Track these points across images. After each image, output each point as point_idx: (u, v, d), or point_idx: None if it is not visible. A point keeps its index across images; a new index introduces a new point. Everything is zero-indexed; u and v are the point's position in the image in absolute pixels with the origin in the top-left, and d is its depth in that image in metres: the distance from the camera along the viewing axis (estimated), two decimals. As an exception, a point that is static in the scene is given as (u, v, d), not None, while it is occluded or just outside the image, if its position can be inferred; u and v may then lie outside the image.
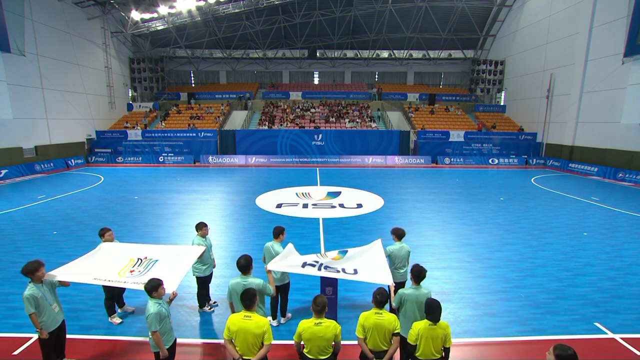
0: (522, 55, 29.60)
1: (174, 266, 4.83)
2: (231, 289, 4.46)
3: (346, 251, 5.50)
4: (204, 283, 5.95)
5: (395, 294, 4.47)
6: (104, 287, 5.50)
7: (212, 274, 6.05)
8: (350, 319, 5.61)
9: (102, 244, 5.44)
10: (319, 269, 4.96)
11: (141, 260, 5.04)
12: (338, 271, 4.92)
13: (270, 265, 5.00)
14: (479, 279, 7.25)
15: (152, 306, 3.83)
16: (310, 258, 5.30)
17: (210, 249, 6.02)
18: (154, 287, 3.88)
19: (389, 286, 4.52)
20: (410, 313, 4.17)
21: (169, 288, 4.20)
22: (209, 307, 6.10)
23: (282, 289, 5.47)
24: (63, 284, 4.55)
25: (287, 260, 5.17)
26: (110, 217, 11.76)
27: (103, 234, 5.62)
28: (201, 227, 5.89)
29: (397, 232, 5.61)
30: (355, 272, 4.89)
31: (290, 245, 5.60)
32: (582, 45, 22.59)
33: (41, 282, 4.27)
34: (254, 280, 4.43)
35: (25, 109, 20.95)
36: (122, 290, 5.87)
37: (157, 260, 5.00)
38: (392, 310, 5.16)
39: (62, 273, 4.65)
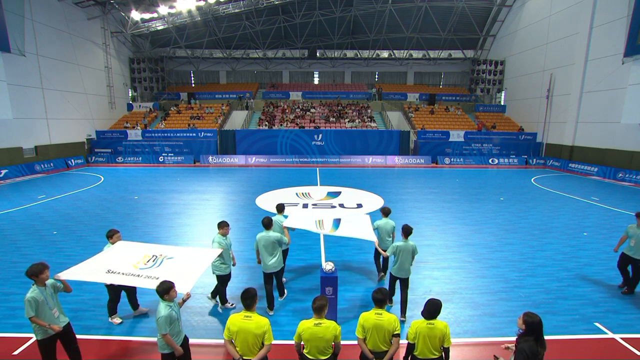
0: (522, 55, 29.60)
1: (189, 266, 4.80)
2: (257, 240, 6.00)
3: (338, 222, 6.94)
4: (224, 281, 6.01)
5: (381, 253, 6.30)
6: (109, 288, 5.51)
7: (231, 272, 6.10)
8: (350, 319, 5.62)
9: (117, 242, 5.45)
10: (321, 233, 6.82)
11: (155, 256, 5.04)
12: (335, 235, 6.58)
13: (286, 223, 6.58)
14: (479, 279, 7.26)
15: (163, 309, 3.81)
16: (312, 224, 6.84)
17: (230, 247, 6.08)
18: (165, 289, 3.83)
19: (374, 243, 6.44)
20: (402, 258, 5.74)
21: (182, 289, 4.19)
22: (220, 307, 6.18)
23: (277, 273, 6.16)
24: (65, 289, 4.47)
25: (298, 220, 7.02)
26: (110, 217, 11.76)
27: (111, 235, 5.60)
28: (223, 226, 5.96)
29: (384, 210, 6.97)
30: (349, 235, 6.50)
31: (293, 212, 7.75)
32: (582, 45, 22.59)
33: (44, 285, 4.17)
34: (274, 234, 5.98)
35: (25, 109, 20.95)
36: (134, 291, 5.82)
37: (172, 258, 5.02)
38: (384, 261, 7.08)
39: (73, 273, 4.63)
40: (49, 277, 4.23)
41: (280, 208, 7.15)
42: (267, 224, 6.05)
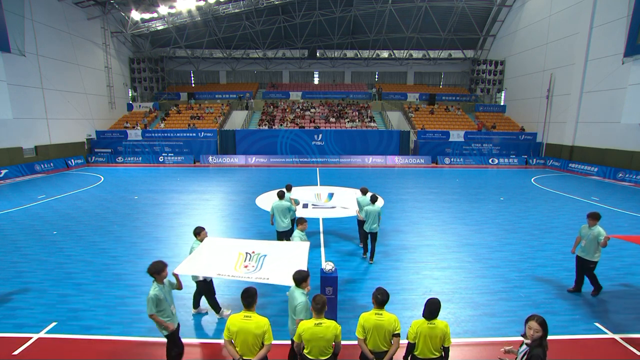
0: (522, 55, 29.60)
1: (291, 262, 4.91)
2: (274, 207, 7.82)
3: (332, 195, 9.84)
4: None
5: (359, 217, 8.64)
6: (199, 284, 5.63)
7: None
8: (350, 319, 5.62)
9: (205, 239, 5.56)
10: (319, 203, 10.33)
11: (250, 255, 5.14)
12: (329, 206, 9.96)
13: (293, 195, 8.82)
14: (479, 279, 7.25)
15: (300, 295, 4.09)
16: (312, 196, 10.30)
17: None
18: (304, 277, 4.17)
19: (355, 211, 8.89)
20: (371, 218, 7.76)
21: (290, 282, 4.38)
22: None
23: (287, 233, 8.01)
24: (178, 286, 4.55)
25: (303, 194, 10.21)
26: (110, 217, 11.76)
27: (199, 232, 5.72)
28: (302, 222, 6.12)
29: (362, 190, 8.82)
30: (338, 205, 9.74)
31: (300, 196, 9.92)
32: (582, 45, 22.59)
33: (163, 283, 4.28)
34: (286, 202, 7.90)
35: (25, 109, 20.95)
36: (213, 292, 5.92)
37: (265, 255, 5.12)
38: (360, 222, 8.75)
39: (187, 269, 4.77)
40: (168, 275, 4.36)
41: (289, 188, 8.93)
42: (282, 195, 7.98)
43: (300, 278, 4.16)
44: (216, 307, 5.81)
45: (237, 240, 5.78)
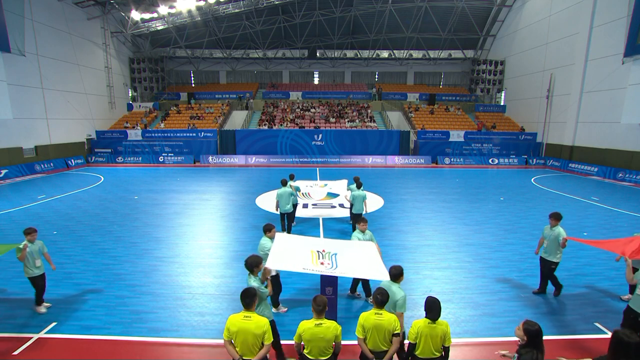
0: (522, 55, 29.60)
1: (364, 258, 5.01)
2: (278, 193, 9.08)
3: (326, 185, 11.38)
4: None
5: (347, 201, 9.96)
6: (274, 282, 5.69)
7: None
8: (350, 319, 5.62)
9: (277, 235, 5.67)
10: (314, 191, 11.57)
11: (321, 253, 5.23)
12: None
13: (294, 183, 10.47)
14: (479, 279, 7.25)
15: (399, 290, 4.23)
16: (307, 187, 11.50)
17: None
18: (400, 272, 4.36)
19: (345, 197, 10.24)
20: (356, 201, 9.25)
21: (383, 276, 4.57)
22: (358, 294, 6.50)
23: (289, 215, 9.51)
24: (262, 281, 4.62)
25: (302, 182, 11.67)
26: (110, 217, 11.76)
27: (270, 229, 5.83)
28: (362, 222, 6.22)
29: (356, 181, 9.80)
30: (332, 192, 10.88)
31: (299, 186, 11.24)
32: (582, 45, 22.59)
33: (257, 275, 4.43)
34: (288, 189, 9.17)
35: (25, 109, 20.95)
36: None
37: (336, 253, 5.22)
38: (351, 205, 9.72)
39: (276, 264, 4.89)
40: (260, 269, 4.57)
41: (292, 177, 10.20)
42: (285, 182, 9.37)
43: (397, 273, 4.34)
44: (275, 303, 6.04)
45: (304, 238, 5.94)
